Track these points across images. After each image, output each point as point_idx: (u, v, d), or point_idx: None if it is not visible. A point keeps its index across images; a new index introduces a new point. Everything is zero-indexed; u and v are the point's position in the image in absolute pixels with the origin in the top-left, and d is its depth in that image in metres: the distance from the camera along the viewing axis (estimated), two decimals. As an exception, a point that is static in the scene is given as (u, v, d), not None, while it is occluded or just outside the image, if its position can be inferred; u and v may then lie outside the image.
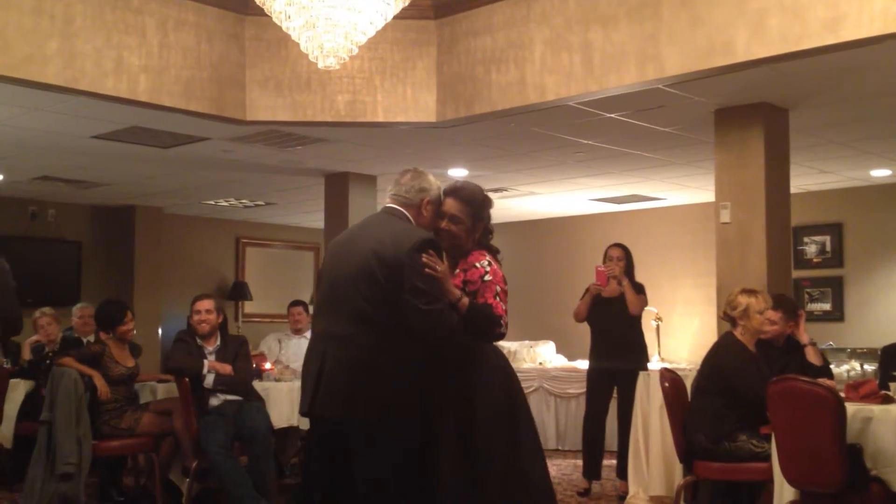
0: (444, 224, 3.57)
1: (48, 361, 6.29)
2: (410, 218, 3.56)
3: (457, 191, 3.61)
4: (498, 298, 3.44)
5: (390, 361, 3.34)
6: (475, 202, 3.61)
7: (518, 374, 10.04)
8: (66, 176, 8.93)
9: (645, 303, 6.49)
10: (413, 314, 3.30)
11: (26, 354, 6.86)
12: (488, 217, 3.66)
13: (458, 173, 8.45)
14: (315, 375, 3.42)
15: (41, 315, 6.94)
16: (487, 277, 3.46)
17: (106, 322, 6.10)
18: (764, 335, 5.03)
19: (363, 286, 3.37)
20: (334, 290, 3.49)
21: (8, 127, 6.81)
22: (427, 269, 3.31)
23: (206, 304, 5.92)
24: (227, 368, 5.76)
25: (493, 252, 3.65)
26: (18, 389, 6.52)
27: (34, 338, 6.91)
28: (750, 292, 4.93)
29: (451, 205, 3.58)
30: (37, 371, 6.61)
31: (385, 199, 3.66)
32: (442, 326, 3.33)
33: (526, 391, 9.19)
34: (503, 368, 3.59)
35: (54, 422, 5.56)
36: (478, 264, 3.51)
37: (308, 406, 3.45)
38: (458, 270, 3.53)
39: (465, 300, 3.39)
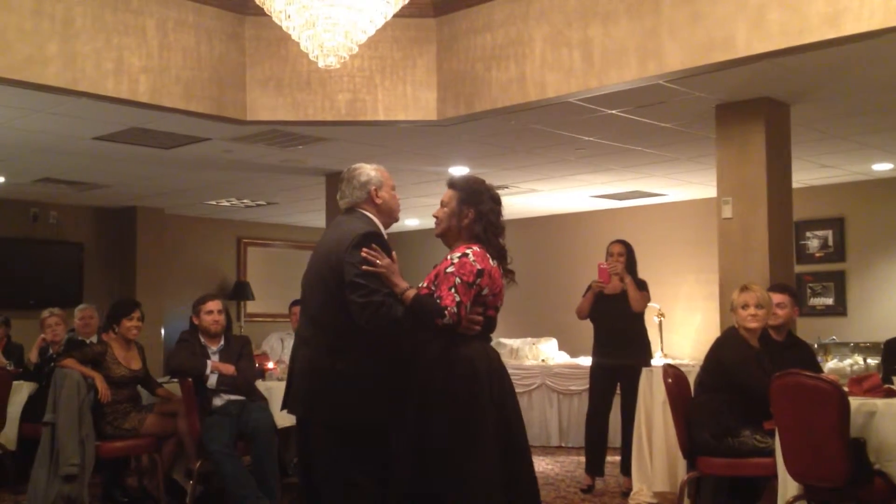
0: (436, 211, 3.63)
1: (52, 363, 6.29)
2: (369, 213, 3.65)
3: (452, 182, 3.67)
4: (453, 290, 3.35)
5: (344, 362, 3.42)
6: (464, 188, 3.62)
7: (520, 371, 9.95)
8: (67, 178, 8.94)
9: (648, 299, 6.48)
10: (353, 308, 3.37)
11: (33, 356, 6.85)
12: (489, 210, 3.57)
13: (458, 171, 8.44)
14: (289, 376, 3.66)
15: (50, 314, 6.91)
16: (449, 269, 3.42)
17: (112, 315, 6.06)
18: (749, 330, 4.91)
19: (318, 291, 3.55)
20: (302, 294, 3.69)
21: (9, 129, 6.82)
22: (364, 267, 3.36)
23: (217, 305, 5.95)
24: (230, 369, 5.76)
25: (497, 250, 3.55)
26: (21, 391, 6.53)
27: (41, 337, 6.89)
28: (741, 288, 4.95)
29: (444, 193, 3.64)
30: (40, 373, 6.62)
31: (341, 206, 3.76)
32: (380, 319, 3.34)
33: (528, 388, 9.26)
34: (470, 367, 3.40)
35: (57, 423, 5.56)
36: (450, 256, 3.49)
37: (282, 405, 3.70)
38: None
39: (410, 292, 3.39)
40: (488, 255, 3.51)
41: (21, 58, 5.46)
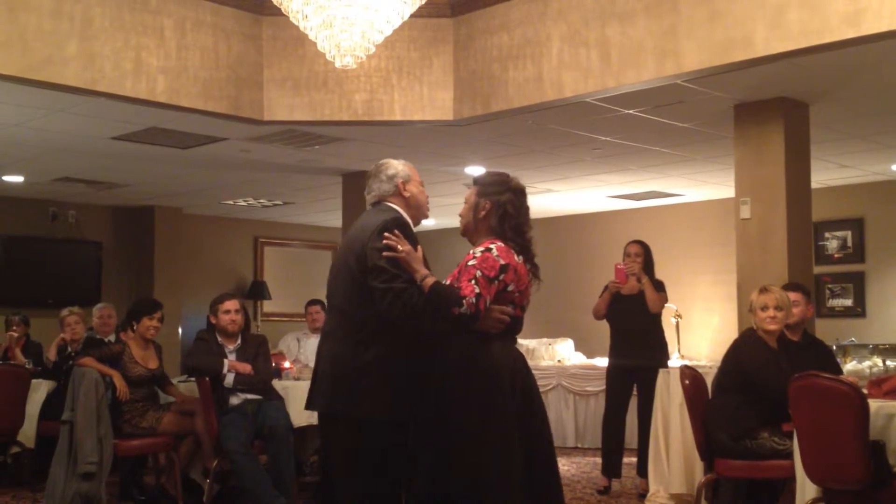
0: (460, 210, 3.60)
1: (70, 362, 6.33)
2: (395, 206, 3.58)
3: (475, 179, 3.65)
4: (473, 282, 3.28)
5: (370, 355, 3.36)
6: (482, 182, 3.60)
7: (536, 372, 9.93)
8: (86, 177, 8.99)
9: (665, 300, 6.45)
10: (374, 294, 3.32)
11: (52, 355, 6.89)
12: (507, 201, 3.51)
13: (475, 171, 8.43)
14: (314, 373, 3.59)
15: (69, 314, 6.96)
16: (471, 262, 3.35)
17: (133, 313, 6.08)
18: (767, 332, 4.88)
19: (343, 282, 3.49)
20: (328, 288, 3.62)
21: (28, 129, 6.86)
22: (385, 253, 3.32)
23: (235, 304, 5.96)
24: (246, 368, 5.78)
25: (518, 244, 3.47)
26: (40, 389, 6.57)
27: (60, 336, 6.94)
28: (760, 290, 4.92)
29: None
30: (58, 371, 6.66)
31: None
32: (400, 305, 3.28)
33: (544, 389, 9.25)
34: (493, 367, 3.35)
35: (76, 421, 5.58)
36: (472, 251, 3.43)
37: (306, 402, 3.60)
38: None
39: (429, 280, 3.31)
40: (513, 251, 3.43)
41: (40, 58, 5.50)
